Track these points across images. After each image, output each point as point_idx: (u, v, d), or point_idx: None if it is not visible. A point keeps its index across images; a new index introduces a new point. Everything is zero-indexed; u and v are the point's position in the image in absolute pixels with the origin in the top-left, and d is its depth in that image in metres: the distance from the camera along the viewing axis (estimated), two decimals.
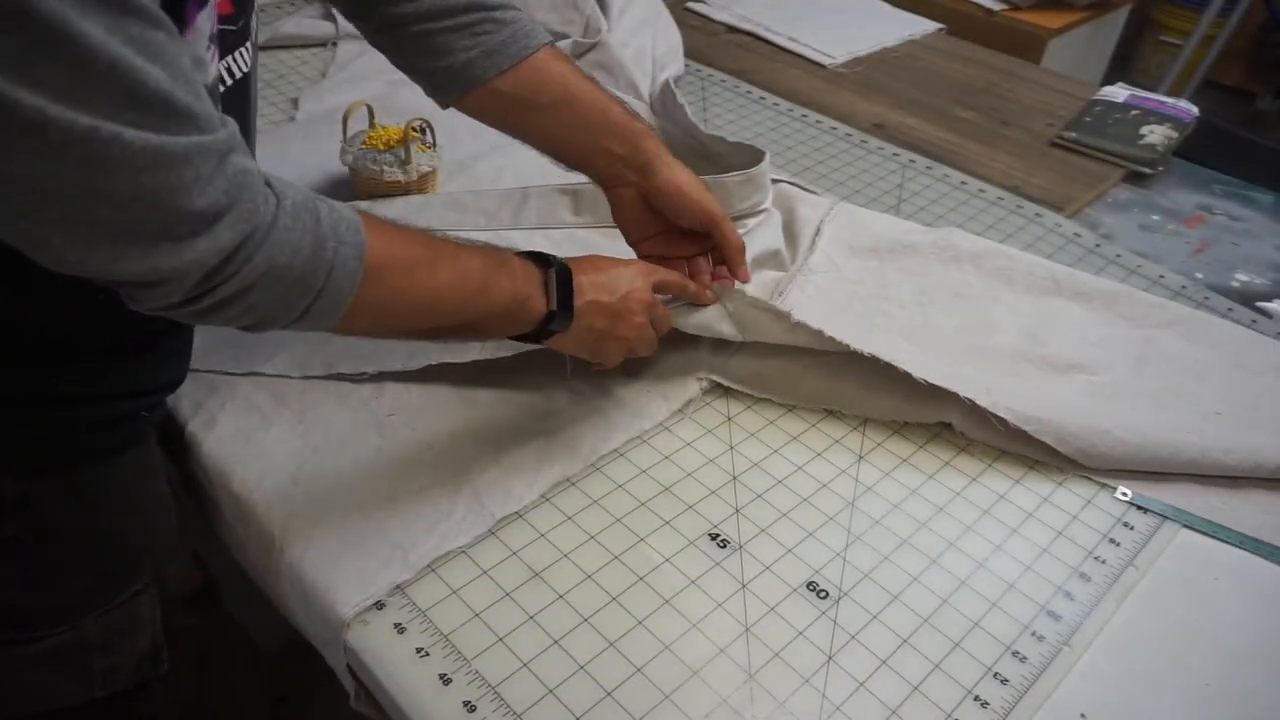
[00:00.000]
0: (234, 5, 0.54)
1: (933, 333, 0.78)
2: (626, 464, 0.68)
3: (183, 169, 0.39)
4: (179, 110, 0.39)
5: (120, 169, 0.38)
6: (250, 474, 0.64)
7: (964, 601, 0.60)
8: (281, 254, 0.45)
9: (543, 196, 0.92)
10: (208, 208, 0.41)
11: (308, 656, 0.62)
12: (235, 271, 0.43)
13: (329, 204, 0.48)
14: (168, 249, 0.41)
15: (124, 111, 0.37)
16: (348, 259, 0.48)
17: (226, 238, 0.42)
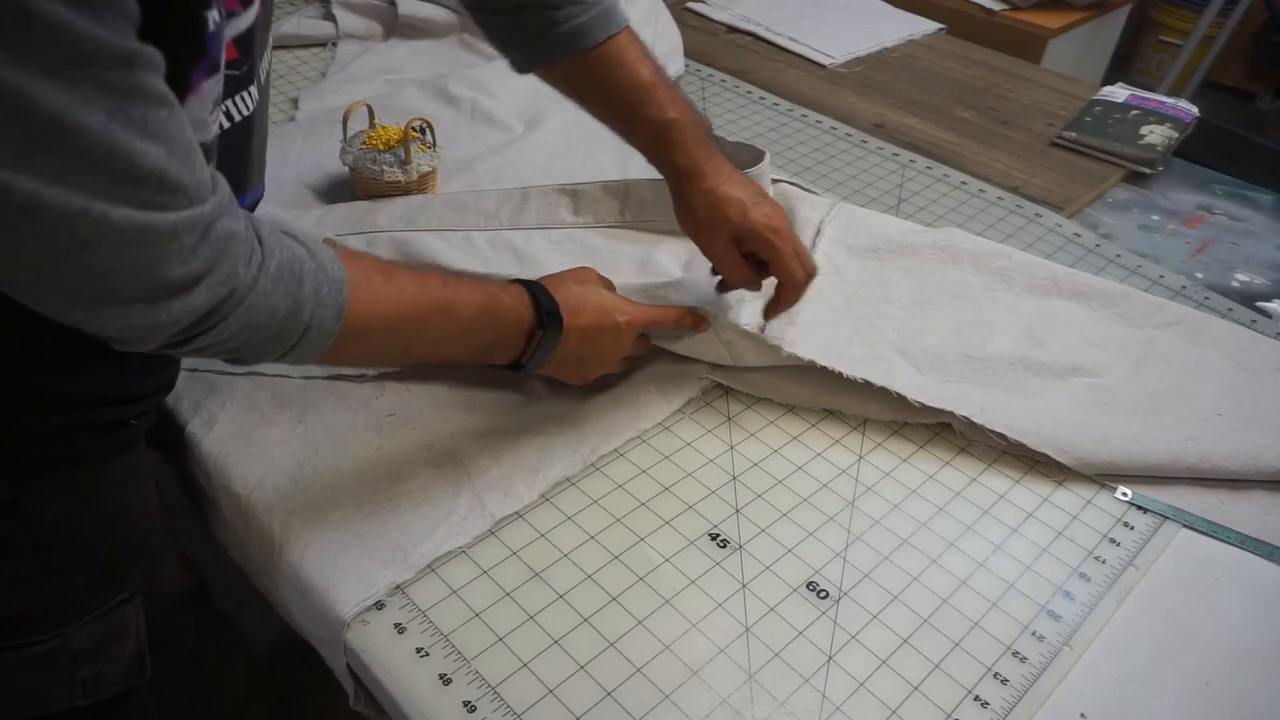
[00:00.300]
0: (239, 51, 0.54)
1: (930, 337, 0.78)
2: (626, 464, 0.68)
3: (168, 243, 0.40)
4: (171, 185, 0.39)
5: (105, 245, 0.38)
6: (250, 474, 0.64)
7: (964, 601, 0.60)
8: (258, 315, 0.45)
9: (543, 196, 0.92)
10: (187, 275, 0.41)
11: (306, 656, 0.62)
12: (211, 328, 0.44)
13: (319, 260, 0.48)
14: (144, 310, 0.41)
15: (117, 189, 0.37)
16: (325, 320, 0.49)
17: (202, 300, 0.43)
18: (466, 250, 0.87)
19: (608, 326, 0.65)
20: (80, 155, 0.36)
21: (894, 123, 1.19)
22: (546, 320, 0.61)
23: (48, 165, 0.35)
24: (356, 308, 0.50)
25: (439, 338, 0.57)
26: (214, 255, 0.42)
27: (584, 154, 1.04)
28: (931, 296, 0.83)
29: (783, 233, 0.68)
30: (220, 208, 0.43)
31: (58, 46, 0.34)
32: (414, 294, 0.55)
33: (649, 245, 0.90)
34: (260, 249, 0.45)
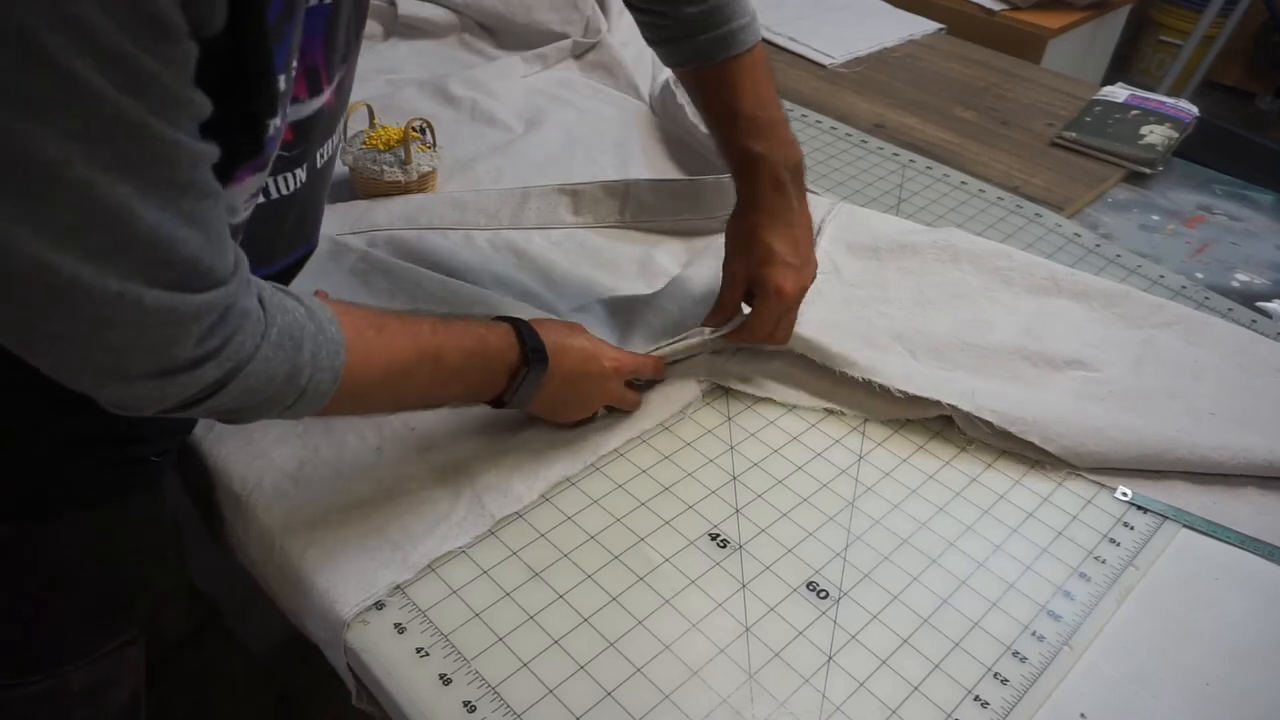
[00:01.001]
0: (294, 134, 0.55)
1: (928, 333, 0.78)
2: (626, 464, 0.68)
3: (189, 325, 0.40)
4: (202, 270, 0.40)
5: (131, 325, 0.38)
6: (250, 474, 0.64)
7: (964, 601, 0.60)
8: (256, 381, 0.45)
9: (543, 196, 0.92)
10: (200, 354, 0.42)
11: (307, 656, 0.62)
12: (210, 396, 0.44)
13: (318, 321, 0.49)
14: (151, 384, 0.42)
15: (151, 272, 0.38)
16: (321, 383, 0.49)
17: (210, 375, 0.43)
18: (467, 250, 0.87)
19: (593, 371, 0.65)
20: (126, 240, 0.36)
21: (894, 123, 1.19)
22: (531, 358, 0.61)
23: (93, 246, 0.36)
24: (352, 367, 0.50)
25: (429, 385, 0.58)
26: (228, 334, 0.43)
27: (584, 154, 1.04)
28: (931, 296, 0.83)
29: (784, 298, 0.70)
30: (239, 287, 0.43)
31: (134, 144, 0.35)
32: (404, 345, 0.55)
33: (649, 245, 0.90)
34: (264, 317, 0.46)
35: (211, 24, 0.37)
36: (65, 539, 0.56)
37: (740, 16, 0.70)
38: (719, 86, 0.70)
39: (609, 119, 1.11)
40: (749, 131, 0.70)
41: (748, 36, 0.70)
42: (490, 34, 1.30)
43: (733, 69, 0.70)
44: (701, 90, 0.72)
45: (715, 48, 0.69)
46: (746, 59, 0.70)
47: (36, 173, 0.33)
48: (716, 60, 0.69)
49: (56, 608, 0.57)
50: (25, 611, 0.56)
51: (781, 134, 0.71)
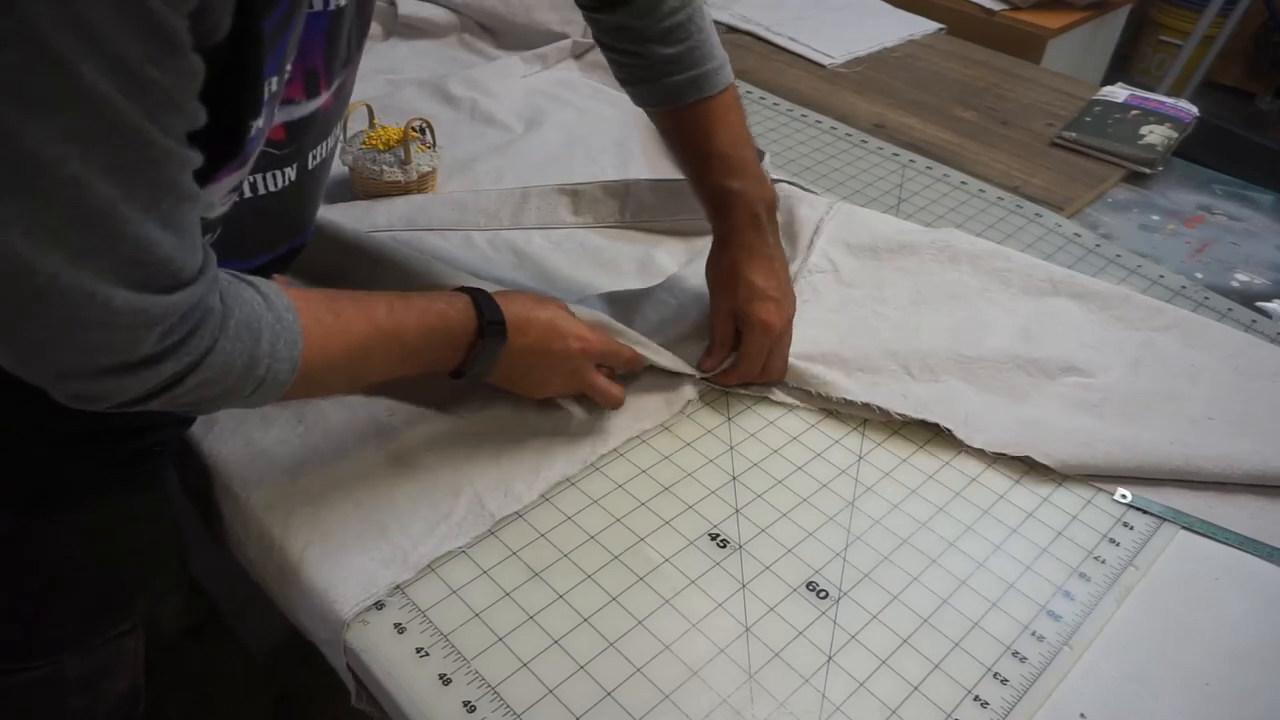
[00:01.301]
0: (287, 134, 0.55)
1: (925, 337, 0.78)
2: (626, 464, 0.68)
3: (153, 325, 0.41)
4: (173, 270, 0.40)
5: (100, 326, 0.39)
6: (250, 474, 0.63)
7: (964, 601, 0.60)
8: (215, 373, 0.46)
9: (543, 196, 0.92)
10: (160, 350, 0.42)
11: (307, 656, 0.62)
12: (168, 389, 0.44)
13: (275, 310, 0.49)
14: (111, 381, 0.42)
15: (125, 272, 0.38)
16: (280, 373, 0.49)
17: (168, 370, 0.43)
18: (466, 250, 0.87)
19: (556, 349, 0.65)
20: (107, 241, 0.37)
21: (894, 123, 1.19)
22: (488, 330, 0.61)
23: (77, 247, 0.36)
24: (310, 354, 0.51)
25: (387, 363, 0.58)
26: (189, 331, 0.43)
27: (584, 154, 1.04)
28: (928, 296, 0.83)
29: (771, 331, 0.70)
30: (205, 287, 0.43)
31: (130, 149, 0.35)
32: (361, 328, 0.55)
33: (649, 245, 0.90)
34: (222, 305, 0.46)
35: (217, 34, 0.37)
36: (65, 533, 0.56)
37: (713, 59, 0.71)
38: (694, 126, 0.72)
39: (609, 119, 1.11)
40: (725, 170, 0.71)
41: (721, 79, 0.72)
42: (490, 34, 1.30)
43: (708, 109, 0.71)
44: (677, 130, 0.73)
45: (689, 89, 0.71)
46: (720, 100, 0.72)
47: (32, 170, 0.33)
48: (690, 101, 0.71)
49: (55, 600, 0.57)
50: (24, 603, 0.56)
51: (755, 172, 0.73)
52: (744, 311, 0.71)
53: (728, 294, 0.72)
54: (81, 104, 0.33)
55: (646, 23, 0.69)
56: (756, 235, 0.72)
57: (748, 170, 0.72)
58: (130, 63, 0.33)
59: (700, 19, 0.71)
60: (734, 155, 0.71)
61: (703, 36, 0.71)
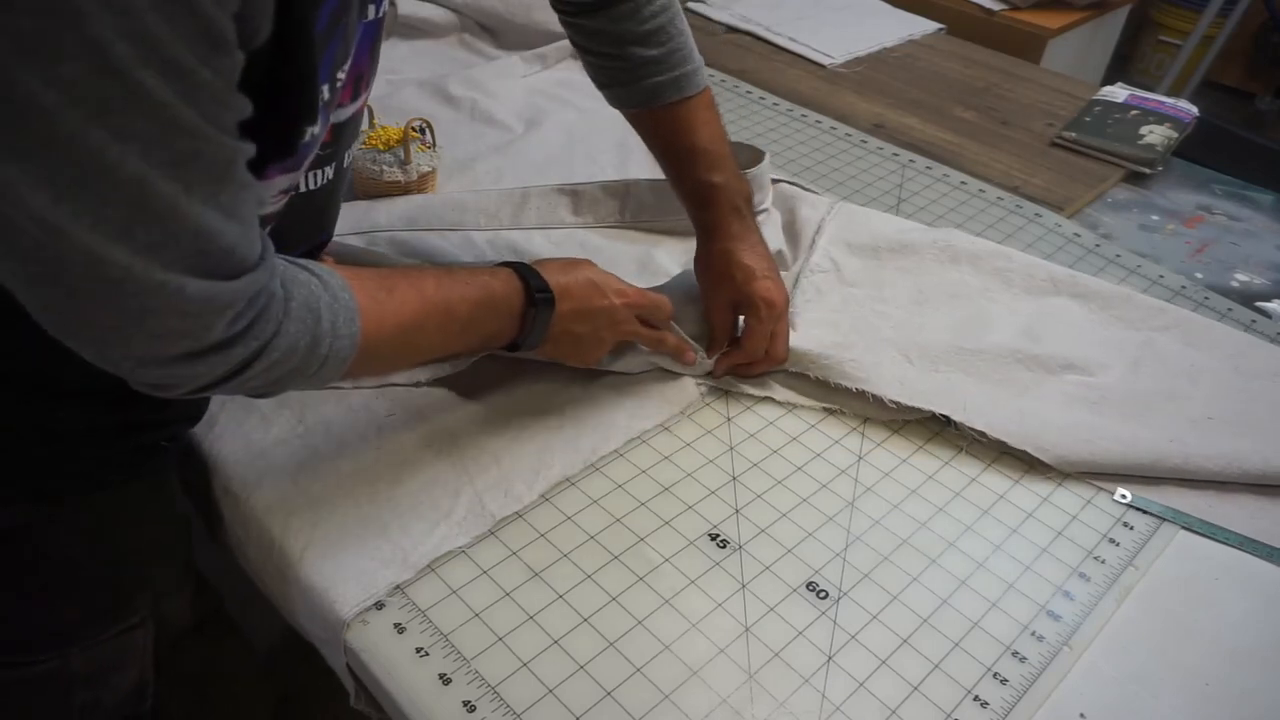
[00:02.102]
0: (333, 135, 0.57)
1: (926, 334, 0.78)
2: (626, 464, 0.68)
3: (223, 310, 0.42)
4: (237, 258, 0.42)
5: (173, 313, 0.41)
6: (250, 474, 0.64)
7: (964, 601, 0.60)
8: (281, 355, 0.47)
9: (543, 196, 0.92)
10: (230, 335, 0.44)
11: (308, 656, 0.62)
12: (239, 374, 0.46)
13: (331, 290, 0.50)
14: (184, 365, 0.43)
15: (193, 262, 0.40)
16: (341, 349, 0.50)
17: (238, 355, 0.45)
18: (466, 250, 0.87)
19: (601, 306, 0.66)
20: (174, 233, 0.38)
21: (894, 123, 1.19)
22: (537, 299, 0.62)
23: (144, 239, 0.38)
24: (368, 329, 0.52)
25: (443, 338, 0.59)
26: (255, 316, 0.45)
27: (584, 154, 1.04)
28: (929, 296, 0.83)
29: (775, 309, 0.72)
30: (268, 273, 0.45)
31: (186, 144, 0.37)
32: (414, 303, 0.56)
33: (649, 245, 0.90)
34: (284, 289, 0.47)
35: (258, 38, 0.39)
36: (71, 528, 0.56)
37: (690, 62, 0.73)
38: (676, 125, 0.73)
39: (609, 119, 1.10)
40: (707, 165, 0.73)
41: (700, 79, 0.74)
42: (490, 34, 1.30)
43: (689, 108, 0.73)
44: (658, 130, 0.75)
45: (671, 89, 0.72)
46: (700, 99, 0.74)
47: (97, 170, 0.35)
48: (670, 101, 0.72)
49: (61, 595, 0.57)
50: (31, 598, 0.56)
51: (733, 168, 0.74)
52: (746, 293, 0.72)
53: (724, 282, 0.72)
54: (142, 108, 0.35)
55: (628, 26, 0.70)
56: (740, 224, 0.73)
57: (727, 165, 0.74)
58: (184, 66, 0.35)
59: (679, 22, 0.72)
60: (715, 151, 0.73)
61: (682, 39, 0.72)
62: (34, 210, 0.35)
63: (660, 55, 0.71)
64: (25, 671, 0.57)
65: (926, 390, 0.72)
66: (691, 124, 0.73)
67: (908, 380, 0.73)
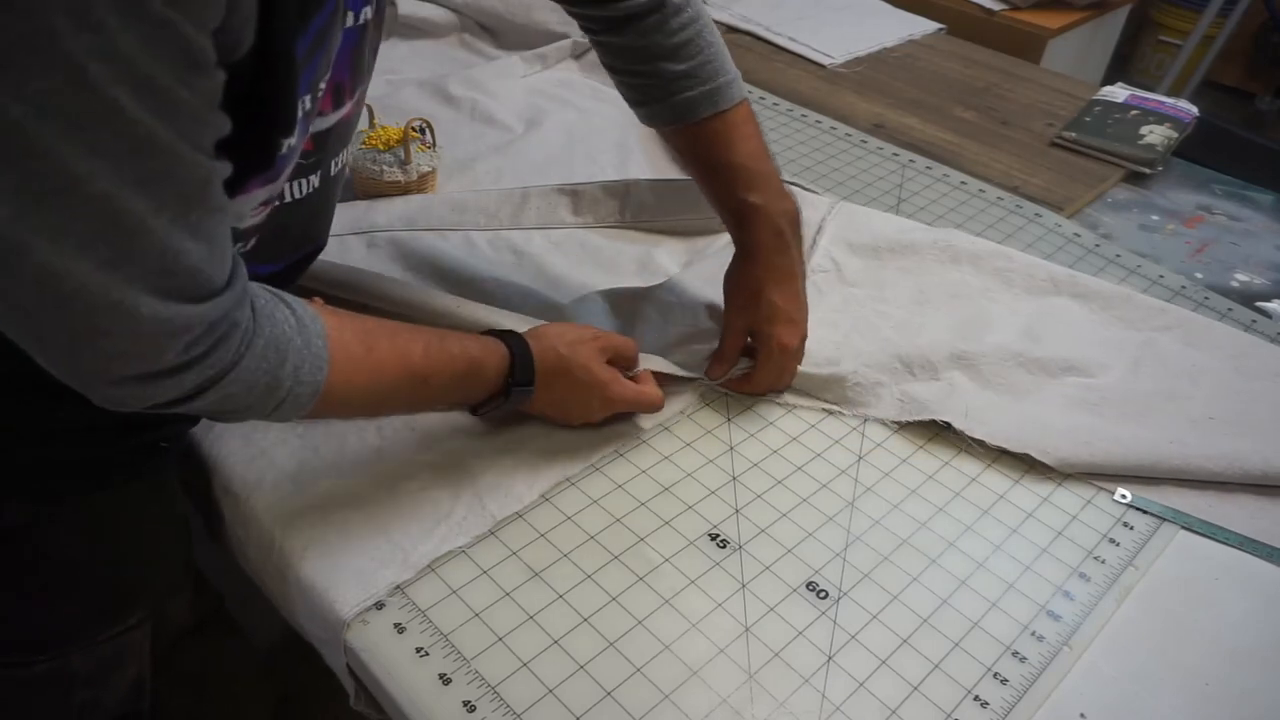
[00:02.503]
0: (314, 144, 0.56)
1: (927, 335, 0.78)
2: (626, 464, 0.68)
3: (178, 334, 0.42)
4: (201, 280, 0.41)
5: (124, 335, 0.40)
6: (250, 474, 0.64)
7: (964, 601, 0.60)
8: (236, 389, 0.47)
9: (542, 196, 0.92)
10: (185, 360, 0.43)
11: (308, 655, 0.62)
12: (190, 399, 0.46)
13: (305, 335, 0.50)
14: (135, 387, 0.43)
15: (152, 281, 0.39)
16: (300, 396, 0.50)
17: (191, 381, 0.44)
18: (467, 250, 0.87)
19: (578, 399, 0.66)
20: (137, 251, 0.38)
21: (894, 123, 1.19)
22: (512, 390, 0.63)
23: (104, 257, 0.37)
24: (334, 382, 0.52)
25: (410, 402, 0.62)
26: (213, 344, 0.44)
27: (584, 154, 1.04)
28: (930, 296, 0.83)
29: (788, 353, 0.71)
30: (234, 299, 0.44)
31: (159, 163, 0.37)
32: (392, 368, 0.56)
33: (649, 245, 0.90)
34: (253, 324, 0.47)
35: (239, 50, 0.39)
36: (71, 528, 0.56)
37: (726, 73, 0.70)
38: (712, 141, 0.71)
39: (609, 119, 1.11)
40: (746, 184, 0.70)
41: (734, 92, 0.71)
42: (490, 34, 1.30)
43: (723, 122, 0.70)
44: (694, 147, 0.72)
45: (704, 104, 0.69)
46: (736, 113, 0.71)
47: (63, 184, 0.35)
48: (705, 116, 0.70)
49: (62, 595, 0.57)
50: (30, 597, 0.56)
51: (777, 186, 0.72)
52: (764, 332, 0.70)
53: (747, 311, 0.71)
54: (115, 124, 0.35)
55: (655, 40, 0.68)
56: (780, 253, 0.71)
57: (769, 184, 0.71)
58: (161, 84, 0.35)
59: (710, 34, 0.70)
60: (754, 168, 0.71)
61: (713, 51, 0.70)
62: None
63: (691, 69, 0.69)
64: (25, 671, 0.57)
65: (928, 400, 0.72)
66: (728, 139, 0.70)
67: (909, 395, 0.73)
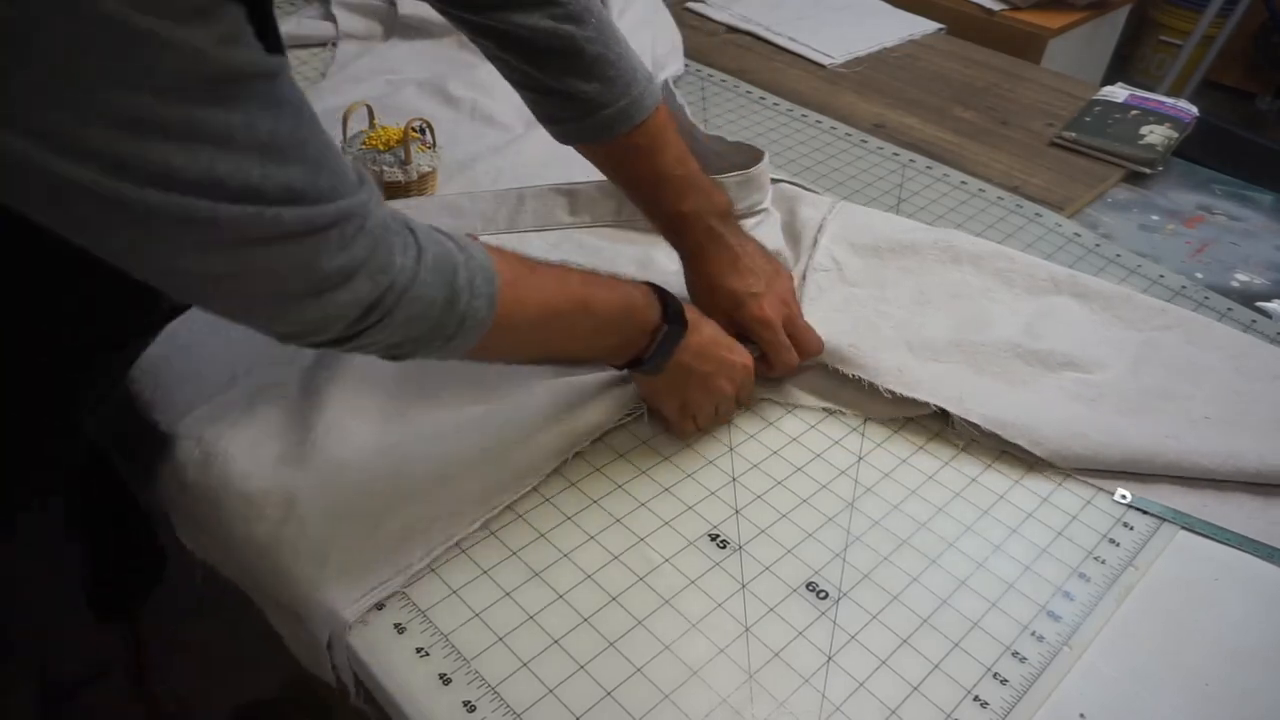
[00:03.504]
0: None
1: (928, 333, 0.78)
2: (627, 465, 0.68)
3: (328, 233, 0.42)
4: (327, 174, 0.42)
5: (275, 244, 0.40)
6: (249, 472, 0.63)
7: (964, 602, 0.60)
8: (419, 306, 0.47)
9: (539, 197, 0.92)
10: (348, 264, 0.43)
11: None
12: (377, 322, 0.46)
13: (467, 252, 0.50)
14: (312, 304, 0.43)
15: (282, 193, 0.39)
16: (479, 309, 0.50)
17: (365, 289, 0.45)
18: None
19: (727, 357, 0.67)
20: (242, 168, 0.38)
21: (894, 123, 1.19)
22: (671, 318, 0.62)
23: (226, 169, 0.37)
24: (506, 298, 0.52)
25: (578, 333, 0.59)
26: (371, 243, 0.44)
27: None
28: (931, 296, 0.83)
29: (772, 324, 0.71)
30: (371, 198, 0.44)
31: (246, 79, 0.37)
32: (556, 289, 0.56)
33: (647, 245, 0.90)
34: (416, 241, 0.47)
35: None
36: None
37: (636, 83, 0.68)
38: (633, 155, 0.70)
39: None
40: (675, 194, 0.71)
41: (649, 100, 0.69)
42: None
43: (643, 135, 0.69)
44: (615, 163, 0.72)
45: (620, 121, 0.68)
46: (652, 123, 0.69)
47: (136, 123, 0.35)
48: (627, 130, 0.69)
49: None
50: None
51: (703, 185, 0.72)
52: (738, 319, 0.71)
53: (715, 311, 0.71)
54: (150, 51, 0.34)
55: (562, 61, 0.66)
56: (714, 245, 0.71)
57: (696, 186, 0.71)
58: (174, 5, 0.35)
59: (615, 45, 0.67)
60: (679, 175, 0.71)
61: (622, 63, 0.67)
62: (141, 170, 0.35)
63: (602, 87, 0.66)
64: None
65: (925, 379, 0.72)
66: (649, 151, 0.70)
67: (906, 368, 0.73)
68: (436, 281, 0.48)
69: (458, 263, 0.49)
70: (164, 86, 0.34)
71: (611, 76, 0.67)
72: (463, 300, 0.49)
